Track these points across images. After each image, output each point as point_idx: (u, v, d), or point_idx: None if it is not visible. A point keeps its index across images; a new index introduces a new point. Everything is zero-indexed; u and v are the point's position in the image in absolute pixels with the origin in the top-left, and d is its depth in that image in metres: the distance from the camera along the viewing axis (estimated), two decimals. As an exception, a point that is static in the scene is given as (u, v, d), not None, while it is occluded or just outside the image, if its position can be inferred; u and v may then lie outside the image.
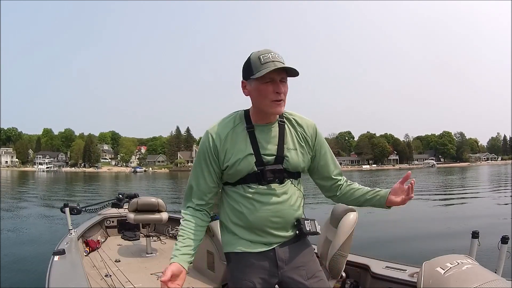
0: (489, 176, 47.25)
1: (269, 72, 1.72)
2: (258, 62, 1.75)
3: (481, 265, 2.24)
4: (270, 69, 1.71)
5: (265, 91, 1.77)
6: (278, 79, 1.76)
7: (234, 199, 1.87)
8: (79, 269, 3.22)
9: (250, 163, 1.81)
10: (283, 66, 1.73)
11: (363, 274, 3.22)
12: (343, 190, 2.03)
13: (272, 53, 1.76)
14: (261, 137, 1.84)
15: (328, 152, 2.00)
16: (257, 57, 1.76)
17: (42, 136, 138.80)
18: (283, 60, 1.76)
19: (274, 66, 1.71)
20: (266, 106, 1.79)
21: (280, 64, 1.72)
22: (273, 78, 1.75)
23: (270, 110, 1.80)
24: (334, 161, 2.03)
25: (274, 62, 1.72)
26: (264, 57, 1.74)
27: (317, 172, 2.01)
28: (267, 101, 1.78)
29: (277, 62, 1.73)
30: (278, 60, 1.74)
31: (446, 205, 16.95)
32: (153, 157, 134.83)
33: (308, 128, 1.93)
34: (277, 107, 1.78)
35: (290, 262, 1.87)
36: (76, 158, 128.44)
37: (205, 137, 1.88)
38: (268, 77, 1.74)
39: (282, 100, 1.78)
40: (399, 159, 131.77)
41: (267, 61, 1.73)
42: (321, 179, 2.03)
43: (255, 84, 1.78)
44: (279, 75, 1.75)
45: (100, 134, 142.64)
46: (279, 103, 1.78)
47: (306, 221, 1.90)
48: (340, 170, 2.06)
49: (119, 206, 6.05)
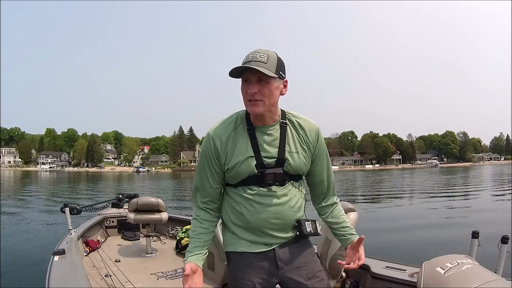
0: (490, 176, 47.24)
1: (245, 72, 1.73)
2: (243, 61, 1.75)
3: (481, 265, 2.22)
4: (236, 67, 1.72)
5: (243, 90, 1.78)
6: (254, 80, 1.73)
7: (235, 200, 1.87)
8: (79, 269, 3.22)
9: (251, 166, 1.80)
10: (244, 66, 1.70)
11: (363, 274, 3.20)
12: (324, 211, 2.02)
13: (259, 53, 1.73)
14: (262, 139, 1.83)
15: (325, 161, 1.98)
16: (245, 56, 1.76)
17: (45, 136, 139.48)
18: (267, 59, 1.72)
19: (245, 66, 1.71)
20: (245, 106, 1.80)
21: (254, 64, 1.70)
22: (248, 77, 1.74)
23: (248, 110, 1.81)
24: (330, 173, 2.01)
25: (250, 62, 1.70)
26: (246, 57, 1.74)
27: (311, 176, 1.99)
28: (244, 100, 1.78)
29: (254, 62, 1.70)
30: (257, 60, 1.71)
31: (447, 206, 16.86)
32: (156, 157, 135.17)
33: (310, 132, 1.90)
34: (252, 106, 1.76)
35: (290, 262, 1.87)
36: (79, 158, 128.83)
37: (207, 139, 1.87)
38: (245, 77, 1.75)
39: (259, 100, 1.74)
40: (402, 159, 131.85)
41: (246, 61, 1.72)
42: (312, 184, 2.01)
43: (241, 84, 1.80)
44: (253, 75, 1.72)
45: (103, 134, 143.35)
46: (254, 103, 1.75)
47: (307, 222, 1.90)
48: (332, 190, 2.04)
49: (119, 206, 6.05)
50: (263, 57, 1.72)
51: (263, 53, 1.73)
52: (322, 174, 1.97)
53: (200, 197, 1.91)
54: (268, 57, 1.73)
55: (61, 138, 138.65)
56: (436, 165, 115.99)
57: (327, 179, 1.99)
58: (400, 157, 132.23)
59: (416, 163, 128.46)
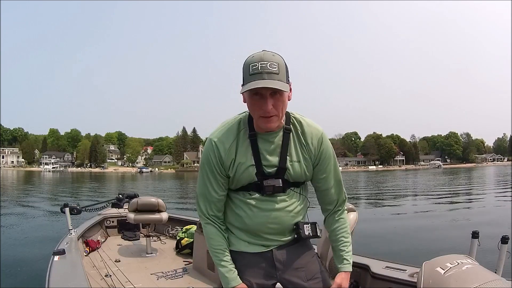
0: (492, 176, 47.14)
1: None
2: (247, 71, 1.63)
3: (481, 265, 2.21)
4: (253, 86, 1.58)
5: (253, 106, 1.67)
6: (267, 94, 1.61)
7: (235, 203, 1.85)
8: (79, 269, 3.23)
9: (251, 174, 1.77)
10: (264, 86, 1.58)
11: (363, 274, 3.20)
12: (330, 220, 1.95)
13: (264, 61, 1.60)
14: (264, 147, 1.77)
15: (331, 167, 1.88)
16: (248, 65, 1.63)
17: (48, 137, 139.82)
18: (277, 69, 1.61)
19: (260, 79, 1.58)
20: (256, 120, 1.72)
21: (268, 76, 1.58)
22: (261, 92, 1.62)
23: (260, 125, 1.71)
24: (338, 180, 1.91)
25: (261, 74, 1.58)
26: (253, 67, 1.60)
27: (315, 183, 1.92)
28: (255, 115, 1.69)
29: (266, 74, 1.58)
30: (268, 71, 1.59)
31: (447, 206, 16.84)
32: (159, 157, 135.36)
33: (313, 139, 1.81)
34: (267, 123, 1.67)
35: (288, 263, 1.85)
36: (82, 158, 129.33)
37: (210, 145, 1.79)
38: (255, 90, 1.61)
39: (274, 115, 1.65)
40: (405, 159, 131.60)
41: (254, 72, 1.60)
42: (317, 192, 1.94)
43: (247, 94, 1.68)
44: (267, 90, 1.60)
45: (107, 134, 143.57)
46: (268, 119, 1.66)
47: (306, 225, 1.86)
48: (341, 197, 1.94)
49: (119, 206, 6.08)
50: (274, 67, 1.60)
51: (272, 62, 1.61)
52: (326, 183, 1.88)
53: (205, 207, 1.85)
54: (278, 65, 1.61)
55: (64, 139, 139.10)
56: (439, 166, 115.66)
57: (333, 189, 1.90)
58: (403, 158, 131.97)
59: (419, 164, 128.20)
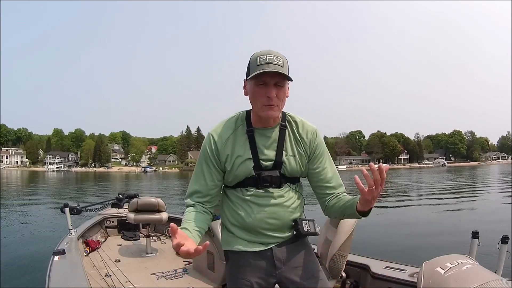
0: (495, 175, 47.20)
1: (263, 75, 1.69)
2: (255, 63, 1.71)
3: (481, 265, 2.22)
4: (261, 71, 1.67)
5: (257, 94, 1.74)
6: (271, 83, 1.70)
7: (232, 201, 1.88)
8: (79, 269, 3.23)
9: (248, 168, 1.81)
10: (272, 70, 1.67)
11: (363, 274, 3.21)
12: (331, 202, 1.87)
13: (271, 54, 1.70)
14: (261, 141, 1.83)
15: (326, 160, 1.92)
16: (256, 57, 1.72)
17: (53, 137, 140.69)
18: (282, 62, 1.71)
19: (267, 69, 1.67)
20: (258, 109, 1.77)
21: (274, 67, 1.67)
22: (266, 81, 1.71)
23: (261, 114, 1.77)
24: (333, 171, 1.92)
25: (268, 65, 1.67)
26: (261, 58, 1.70)
27: (311, 179, 1.93)
28: (259, 104, 1.75)
29: (272, 65, 1.67)
30: (274, 63, 1.68)
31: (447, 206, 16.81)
32: (163, 157, 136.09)
33: (307, 134, 1.88)
34: (268, 110, 1.74)
35: (288, 262, 1.86)
36: (87, 158, 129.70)
37: (208, 138, 1.87)
38: (261, 80, 1.71)
39: (275, 104, 1.73)
40: (409, 158, 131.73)
41: (262, 63, 1.69)
42: (316, 187, 1.94)
43: (250, 86, 1.76)
44: (272, 79, 1.70)
45: (111, 134, 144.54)
46: (270, 107, 1.73)
47: (304, 222, 1.89)
48: (339, 183, 1.92)
49: (119, 206, 6.08)
50: (279, 60, 1.70)
51: (278, 56, 1.71)
52: (322, 177, 1.90)
53: (193, 195, 1.86)
54: (283, 60, 1.72)
55: (68, 138, 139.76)
56: (443, 164, 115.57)
57: (332, 179, 1.90)
58: (408, 156, 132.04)
59: (424, 162, 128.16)
